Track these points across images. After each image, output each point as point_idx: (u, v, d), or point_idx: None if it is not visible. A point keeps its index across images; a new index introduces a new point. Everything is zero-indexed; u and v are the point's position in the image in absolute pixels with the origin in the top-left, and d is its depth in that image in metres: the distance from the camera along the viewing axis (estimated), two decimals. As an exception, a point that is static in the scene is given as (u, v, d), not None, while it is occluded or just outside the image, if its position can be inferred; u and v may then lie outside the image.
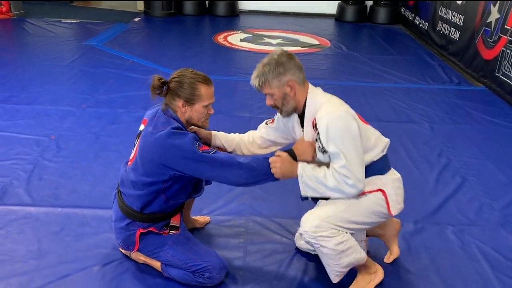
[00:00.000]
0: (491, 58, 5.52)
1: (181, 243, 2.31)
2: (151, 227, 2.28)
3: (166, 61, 6.09)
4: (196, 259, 2.26)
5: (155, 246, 2.30)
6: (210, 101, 2.20)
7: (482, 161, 3.75)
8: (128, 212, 2.26)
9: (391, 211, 2.20)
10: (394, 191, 2.22)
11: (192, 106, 2.17)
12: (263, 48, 7.09)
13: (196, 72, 2.20)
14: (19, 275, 2.34)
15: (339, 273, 2.22)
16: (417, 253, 2.64)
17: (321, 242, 2.11)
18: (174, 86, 2.16)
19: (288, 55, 2.18)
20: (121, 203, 2.29)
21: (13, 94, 4.72)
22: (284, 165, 2.13)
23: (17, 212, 2.84)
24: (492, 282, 2.45)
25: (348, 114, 2.13)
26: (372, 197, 2.18)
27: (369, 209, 2.17)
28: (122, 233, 2.29)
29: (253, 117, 4.37)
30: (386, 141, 2.30)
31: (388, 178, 2.22)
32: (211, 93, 2.20)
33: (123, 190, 2.30)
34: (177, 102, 2.17)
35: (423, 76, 5.97)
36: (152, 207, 2.25)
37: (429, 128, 4.35)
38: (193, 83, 2.14)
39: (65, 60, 6.01)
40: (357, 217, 2.16)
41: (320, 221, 2.09)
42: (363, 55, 6.89)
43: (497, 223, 2.95)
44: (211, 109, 2.25)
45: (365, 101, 4.99)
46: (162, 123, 2.15)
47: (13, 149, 3.61)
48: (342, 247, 2.13)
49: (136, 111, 4.41)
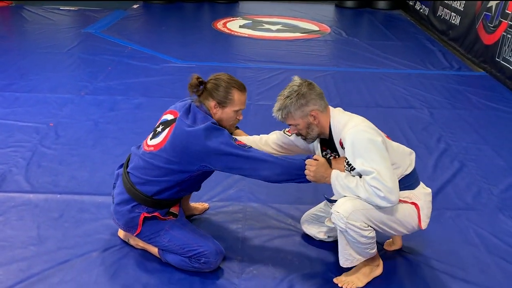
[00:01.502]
0: (492, 43, 5.49)
1: (177, 229, 2.32)
2: (155, 212, 2.29)
3: (165, 48, 6.07)
4: (192, 244, 2.28)
5: (152, 231, 2.31)
6: (241, 107, 2.29)
7: (481, 146, 3.75)
8: (136, 195, 2.27)
9: (422, 225, 2.23)
10: (426, 205, 2.25)
11: (223, 109, 2.26)
12: (263, 34, 7.06)
13: (233, 78, 2.30)
14: (19, 261, 2.36)
15: (350, 260, 2.24)
16: (414, 238, 2.65)
17: (349, 230, 2.12)
18: (210, 87, 2.25)
19: (308, 85, 2.23)
20: (130, 185, 2.28)
21: (12, 82, 4.72)
22: (319, 169, 2.16)
23: (16, 199, 2.85)
24: (489, 266, 2.47)
25: (370, 128, 2.15)
26: (407, 207, 2.20)
27: (402, 218, 2.19)
28: (125, 215, 2.29)
29: (252, 103, 4.37)
30: (412, 154, 2.32)
31: (420, 193, 2.26)
32: (243, 100, 2.29)
33: (137, 174, 2.28)
34: (211, 102, 2.25)
35: (423, 61, 5.95)
36: (164, 194, 2.27)
37: (429, 113, 4.34)
38: (228, 88, 2.24)
39: (64, 47, 5.99)
40: (390, 221, 2.17)
41: (356, 210, 2.10)
42: (363, 41, 6.85)
43: (495, 208, 2.96)
44: (240, 115, 2.33)
45: (364, 87, 4.97)
46: (201, 118, 2.22)
47: (12, 136, 3.62)
48: (365, 241, 2.16)
49: (134, 98, 4.40)
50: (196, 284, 2.27)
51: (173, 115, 2.30)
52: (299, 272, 2.37)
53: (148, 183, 2.26)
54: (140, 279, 2.28)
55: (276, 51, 6.19)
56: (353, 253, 2.22)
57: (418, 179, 2.31)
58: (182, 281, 2.28)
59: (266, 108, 4.25)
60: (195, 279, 2.30)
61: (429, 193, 2.31)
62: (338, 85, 5.01)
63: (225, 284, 2.28)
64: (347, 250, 2.22)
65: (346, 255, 2.24)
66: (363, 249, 2.19)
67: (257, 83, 4.89)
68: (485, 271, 2.43)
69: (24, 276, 2.26)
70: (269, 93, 4.68)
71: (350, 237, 2.15)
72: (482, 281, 2.36)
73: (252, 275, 2.33)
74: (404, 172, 2.23)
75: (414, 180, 2.27)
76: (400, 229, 2.24)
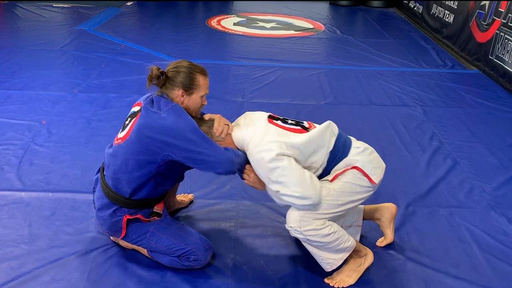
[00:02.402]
0: (485, 41, 5.51)
1: (163, 229, 2.30)
2: (138, 214, 2.26)
3: (158, 46, 6.04)
4: (180, 244, 2.27)
5: (137, 234, 2.29)
6: (206, 92, 2.25)
7: (474, 144, 3.76)
8: (115, 199, 2.24)
9: (373, 180, 2.20)
10: (367, 160, 2.21)
11: (190, 96, 2.21)
12: (257, 32, 7.05)
13: (193, 63, 2.24)
14: (10, 260, 2.35)
15: (331, 263, 2.24)
16: (407, 235, 2.66)
17: (308, 237, 2.12)
18: (172, 75, 2.18)
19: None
20: (107, 189, 2.25)
21: (4, 79, 4.69)
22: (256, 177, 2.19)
23: (7, 197, 2.83)
24: (480, 263, 2.47)
25: (263, 146, 2.12)
26: (349, 175, 2.18)
27: (351, 186, 2.18)
28: (107, 220, 2.26)
29: (246, 101, 4.36)
30: (329, 126, 2.26)
31: (354, 154, 2.22)
32: (207, 84, 2.25)
33: (110, 174, 2.25)
34: (176, 91, 2.19)
35: (417, 59, 5.96)
36: (142, 193, 2.23)
37: (422, 111, 4.35)
38: (191, 73, 2.19)
39: (57, 44, 5.95)
40: (342, 199, 2.17)
41: (303, 214, 2.10)
42: (357, 38, 6.85)
43: (488, 206, 2.97)
44: (205, 101, 2.29)
45: (358, 84, 4.98)
46: (164, 103, 2.16)
47: (4, 134, 3.60)
48: (330, 239, 2.14)
49: (128, 96, 4.39)
50: (188, 282, 2.26)
51: (139, 106, 2.25)
52: (291, 270, 2.37)
53: (122, 182, 2.21)
54: (132, 277, 2.28)
55: (270, 49, 6.18)
56: (330, 255, 2.21)
57: (346, 142, 2.26)
58: (174, 278, 2.28)
59: (259, 106, 4.25)
60: (187, 277, 2.29)
61: (362, 149, 2.24)
62: (332, 83, 5.01)
63: (218, 282, 2.28)
64: (323, 255, 2.21)
65: (325, 261, 2.23)
66: (336, 246, 2.18)
67: (251, 81, 4.88)
68: (477, 269, 2.44)
69: (15, 275, 2.25)
70: (263, 91, 4.67)
71: (316, 243, 2.15)
72: (474, 278, 2.37)
73: (245, 273, 2.33)
74: (329, 148, 2.19)
75: (342, 147, 2.22)
76: (358, 197, 2.21)
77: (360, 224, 2.54)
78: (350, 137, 2.33)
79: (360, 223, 2.53)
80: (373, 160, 2.24)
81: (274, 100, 4.45)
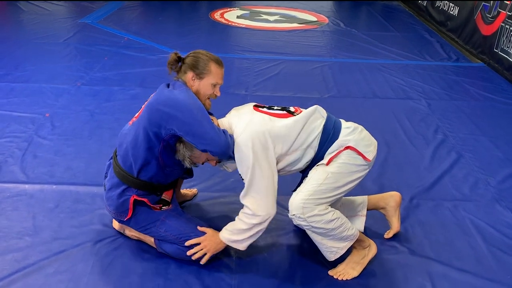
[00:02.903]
0: (490, 33, 5.47)
1: (173, 219, 2.32)
2: (145, 198, 2.28)
3: (161, 39, 6.03)
4: (189, 234, 2.28)
5: (147, 221, 2.31)
6: (218, 81, 2.28)
7: (478, 137, 3.74)
8: (124, 177, 2.27)
9: (367, 157, 2.20)
10: (359, 139, 2.22)
11: (200, 80, 2.25)
12: (260, 25, 7.02)
13: (210, 53, 2.32)
14: (14, 252, 2.35)
15: (335, 251, 2.23)
16: (411, 229, 2.65)
17: (312, 223, 2.12)
18: (188, 61, 2.27)
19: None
20: (118, 168, 2.29)
21: (7, 72, 4.69)
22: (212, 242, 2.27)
23: (11, 190, 2.84)
24: (485, 256, 2.47)
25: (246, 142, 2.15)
26: (343, 156, 2.19)
27: (347, 167, 2.18)
28: (115, 200, 2.28)
29: (249, 94, 4.35)
30: (317, 110, 2.28)
31: (345, 134, 2.22)
32: (220, 73, 2.29)
33: (122, 152, 2.28)
34: (188, 74, 2.26)
35: (421, 52, 5.93)
36: (148, 172, 2.25)
37: (426, 104, 4.33)
38: (206, 60, 2.26)
39: (60, 38, 5.94)
40: (341, 180, 2.17)
41: (305, 201, 2.10)
42: (361, 31, 6.82)
43: (492, 199, 2.96)
44: (218, 91, 2.32)
45: (362, 77, 4.95)
46: (179, 85, 2.24)
47: (8, 127, 3.60)
48: (333, 225, 2.14)
49: (131, 89, 4.38)
50: (192, 274, 2.26)
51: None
52: (295, 262, 2.37)
53: (130, 159, 2.24)
54: (136, 269, 2.28)
55: (274, 42, 6.16)
56: (333, 243, 2.21)
57: (336, 124, 2.26)
58: (178, 270, 2.28)
59: (263, 99, 4.23)
60: (191, 268, 2.29)
61: (353, 128, 2.26)
62: (336, 76, 4.99)
63: (221, 274, 2.28)
64: (326, 243, 2.21)
65: (328, 249, 2.23)
66: (340, 233, 2.17)
67: (254, 74, 4.86)
68: (482, 261, 2.43)
69: (19, 267, 2.25)
70: (266, 84, 4.66)
71: (319, 230, 2.15)
72: (479, 271, 2.36)
73: (248, 266, 2.33)
74: (319, 130, 2.20)
75: (332, 129, 2.23)
76: (356, 176, 2.21)
77: (364, 214, 2.53)
78: (340, 119, 2.33)
79: (364, 213, 2.53)
80: (365, 138, 2.25)
81: (277, 93, 4.44)
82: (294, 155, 2.21)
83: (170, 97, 2.14)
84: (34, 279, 2.19)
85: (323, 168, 2.19)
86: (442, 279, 2.30)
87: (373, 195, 2.59)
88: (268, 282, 2.24)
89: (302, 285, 2.23)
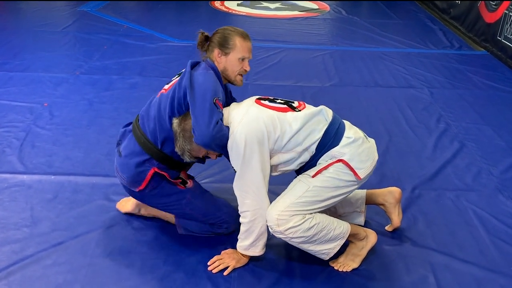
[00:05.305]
0: (493, 21, 5.41)
1: (199, 197, 2.35)
2: (165, 172, 2.26)
3: (161, 27, 5.97)
4: (215, 212, 2.34)
5: (172, 199, 2.31)
6: (244, 55, 2.26)
7: (481, 126, 3.70)
8: (147, 147, 2.24)
9: (359, 175, 2.12)
10: (355, 153, 2.12)
11: (227, 56, 2.24)
12: (261, 13, 6.95)
13: (236, 28, 2.30)
14: (12, 243, 2.33)
15: (326, 252, 2.19)
16: (413, 219, 2.63)
17: (289, 235, 2.07)
18: (214, 39, 2.27)
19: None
20: (143, 137, 2.26)
21: (5, 61, 4.65)
22: (234, 256, 2.25)
23: (9, 180, 2.81)
24: (487, 246, 2.44)
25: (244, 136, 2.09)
26: (332, 169, 2.11)
27: (333, 182, 2.10)
28: (132, 168, 2.25)
29: (250, 83, 4.30)
30: (321, 111, 2.20)
31: (343, 146, 2.13)
32: (246, 47, 2.26)
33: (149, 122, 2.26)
34: (214, 51, 2.26)
35: (424, 40, 5.87)
36: (170, 145, 2.22)
37: (428, 93, 4.29)
38: (230, 35, 2.25)
39: (59, 26, 5.89)
40: (323, 194, 2.10)
41: (280, 213, 2.05)
42: (363, 19, 6.76)
43: (495, 189, 2.93)
44: (247, 65, 2.29)
45: (364, 66, 4.90)
46: (203, 66, 2.24)
47: (6, 116, 3.57)
48: (314, 231, 2.09)
49: (130, 78, 4.34)
50: (192, 264, 2.24)
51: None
52: (295, 255, 2.34)
53: (157, 129, 2.23)
54: (135, 262, 2.25)
55: (275, 30, 6.10)
56: (321, 247, 2.16)
57: (339, 131, 2.16)
58: (177, 263, 2.26)
59: (264, 88, 4.20)
60: (191, 259, 2.27)
61: (353, 139, 2.14)
62: (337, 64, 4.94)
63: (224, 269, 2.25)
64: (314, 249, 2.16)
65: (318, 253, 2.19)
66: (324, 236, 2.12)
67: (254, 62, 4.81)
68: (484, 252, 2.40)
69: (17, 258, 2.23)
70: (267, 72, 4.61)
71: (301, 239, 2.10)
72: (481, 262, 2.33)
73: (251, 263, 2.28)
74: (319, 135, 2.12)
75: (333, 136, 2.14)
76: (342, 192, 2.14)
77: (363, 210, 2.49)
78: (345, 123, 2.24)
79: (363, 209, 2.49)
80: (362, 153, 2.15)
81: (278, 82, 4.39)
82: (288, 155, 2.14)
83: (192, 77, 2.15)
84: (32, 270, 2.17)
85: (307, 180, 2.12)
86: (444, 270, 2.28)
87: (372, 190, 2.53)
88: (268, 275, 2.22)
89: (302, 277, 2.21)
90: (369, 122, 3.63)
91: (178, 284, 2.14)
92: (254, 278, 2.20)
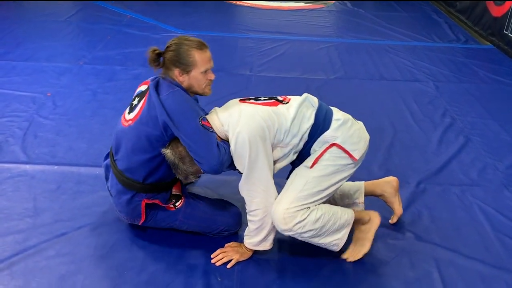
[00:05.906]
0: (500, 15, 5.35)
1: (190, 216, 2.28)
2: (156, 199, 2.21)
3: (165, 17, 5.93)
4: (210, 225, 2.30)
5: (166, 222, 2.29)
6: (206, 67, 2.13)
7: (487, 121, 3.68)
8: (130, 185, 2.18)
9: (354, 156, 2.12)
10: (347, 136, 2.12)
11: (189, 74, 2.11)
12: (266, 4, 6.90)
13: (190, 38, 2.13)
14: (15, 233, 2.32)
15: (336, 243, 2.19)
16: (418, 214, 2.61)
17: (298, 230, 2.07)
18: (169, 56, 2.10)
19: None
20: (121, 177, 2.18)
21: (8, 51, 4.62)
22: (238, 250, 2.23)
23: (12, 170, 2.80)
24: (493, 242, 2.42)
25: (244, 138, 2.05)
26: (328, 155, 2.11)
27: (330, 168, 2.10)
28: (126, 206, 2.22)
29: (254, 75, 4.28)
30: (307, 98, 2.20)
31: (334, 130, 2.12)
32: (206, 58, 2.12)
33: (122, 158, 2.17)
34: (174, 71, 2.11)
35: (429, 34, 5.82)
36: (156, 175, 2.17)
37: (434, 87, 4.25)
38: (187, 50, 2.08)
39: (62, 16, 5.86)
40: (324, 183, 2.09)
41: (285, 211, 2.04)
42: (368, 11, 6.70)
43: (500, 184, 2.90)
44: (211, 75, 2.16)
45: (369, 59, 4.87)
46: (165, 87, 2.09)
47: (9, 106, 3.55)
48: (322, 222, 2.09)
49: (133, 68, 4.32)
50: (195, 256, 2.23)
51: (147, 84, 2.19)
52: (298, 249, 2.33)
53: (135, 166, 2.14)
54: (138, 254, 2.25)
55: (279, 22, 6.05)
56: (331, 238, 2.15)
57: (327, 115, 2.16)
58: (180, 256, 2.25)
59: (267, 80, 4.18)
60: (195, 251, 2.26)
61: (343, 120, 2.14)
62: (342, 56, 4.90)
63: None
64: (324, 241, 2.16)
65: (329, 245, 2.18)
66: (332, 226, 2.12)
67: (258, 54, 4.78)
68: (489, 248, 2.39)
69: (20, 248, 2.23)
70: (271, 64, 4.58)
71: (310, 233, 2.09)
72: (486, 258, 2.32)
73: (254, 256, 2.27)
74: (311, 122, 2.11)
75: (323, 121, 2.13)
76: (341, 177, 2.13)
77: (362, 201, 2.48)
78: (332, 108, 2.25)
79: (361, 200, 2.48)
80: (354, 135, 2.15)
81: (282, 74, 4.36)
82: (286, 149, 2.13)
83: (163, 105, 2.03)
84: (35, 261, 2.17)
85: (304, 172, 2.11)
86: (449, 265, 2.27)
87: (370, 181, 2.52)
88: (271, 268, 2.21)
89: (306, 271, 2.20)
90: (374, 116, 3.61)
91: (181, 275, 2.13)
92: (257, 271, 2.19)
